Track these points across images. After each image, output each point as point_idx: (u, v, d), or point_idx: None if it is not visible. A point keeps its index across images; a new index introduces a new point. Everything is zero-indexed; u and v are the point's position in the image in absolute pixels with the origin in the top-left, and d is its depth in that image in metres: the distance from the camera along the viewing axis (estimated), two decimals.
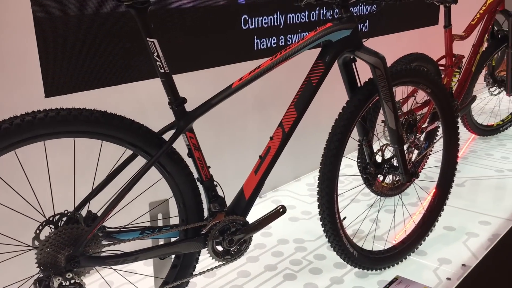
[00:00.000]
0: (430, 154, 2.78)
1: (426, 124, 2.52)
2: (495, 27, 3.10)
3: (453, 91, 2.87)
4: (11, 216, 1.50)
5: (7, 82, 1.60)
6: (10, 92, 1.61)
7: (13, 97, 1.62)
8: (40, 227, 1.32)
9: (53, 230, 1.32)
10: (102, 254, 1.40)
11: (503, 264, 2.20)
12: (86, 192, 1.42)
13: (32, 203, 1.43)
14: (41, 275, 1.31)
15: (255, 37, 2.37)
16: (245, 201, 1.61)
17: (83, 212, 1.38)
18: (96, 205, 1.40)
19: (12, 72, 1.60)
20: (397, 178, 1.97)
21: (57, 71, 1.70)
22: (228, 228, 1.57)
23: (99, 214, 1.37)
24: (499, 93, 3.36)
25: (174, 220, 1.59)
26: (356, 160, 2.09)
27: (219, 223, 1.54)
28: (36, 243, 1.31)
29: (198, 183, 1.54)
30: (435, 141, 2.68)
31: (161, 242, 1.57)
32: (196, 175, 1.53)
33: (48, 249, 1.30)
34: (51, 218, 1.33)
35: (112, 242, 1.40)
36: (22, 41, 1.60)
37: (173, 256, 1.60)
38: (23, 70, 1.62)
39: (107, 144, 1.40)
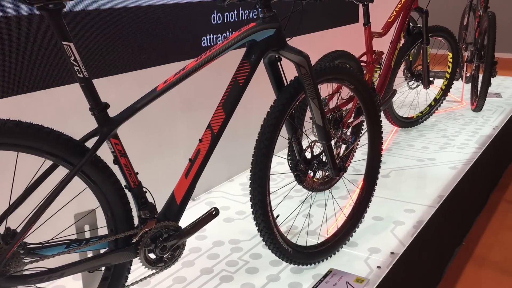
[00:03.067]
0: (356, 148, 2.87)
1: (351, 119, 2.60)
2: (410, 24, 3.26)
3: (375, 86, 2.99)
4: None
5: None
6: None
7: None
8: None
9: None
10: (25, 273, 1.31)
11: (428, 248, 2.32)
12: (2, 207, 1.32)
13: None
14: None
15: (180, 38, 2.33)
16: (176, 205, 1.57)
17: (1, 229, 1.29)
18: (15, 221, 1.31)
19: None
20: (327, 173, 2.01)
21: None
22: (160, 234, 1.53)
23: (18, 230, 1.28)
24: (417, 86, 3.54)
25: (103, 231, 1.53)
26: (286, 157, 2.11)
27: (150, 230, 1.50)
28: None
29: (126, 191, 1.48)
30: (360, 135, 2.78)
31: (90, 254, 1.50)
32: (123, 183, 1.47)
33: None
34: None
35: (34, 259, 1.32)
36: None
37: (103, 268, 1.53)
38: None
39: (24, 155, 1.31)
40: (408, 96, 4.02)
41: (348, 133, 2.67)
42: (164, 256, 1.54)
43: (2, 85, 1.67)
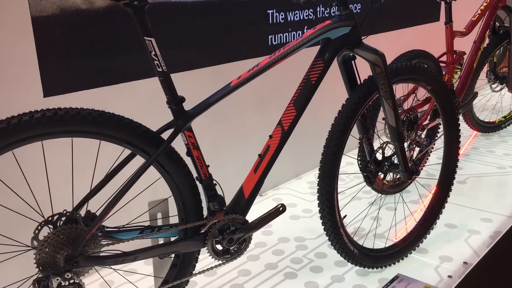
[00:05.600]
0: (431, 152, 2.77)
1: (427, 122, 2.51)
2: (496, 23, 3.08)
3: (454, 88, 2.86)
4: (10, 216, 1.50)
5: (5, 82, 1.60)
6: (8, 92, 1.61)
7: (12, 97, 1.62)
8: (39, 227, 1.32)
9: (52, 230, 1.31)
10: (101, 254, 1.40)
11: (505, 261, 2.19)
12: (84, 192, 1.41)
13: (30, 203, 1.42)
14: (40, 275, 1.30)
15: (252, 35, 2.36)
16: (244, 200, 1.60)
17: (82, 212, 1.38)
18: (95, 205, 1.40)
19: (10, 71, 1.60)
20: (398, 176, 1.96)
21: (56, 70, 1.70)
22: (228, 227, 1.56)
23: (98, 213, 1.37)
24: (501, 89, 3.34)
25: (174, 220, 1.59)
26: (356, 158, 2.08)
27: (218, 222, 1.54)
28: (35, 243, 1.30)
29: (197, 182, 1.53)
30: (436, 138, 2.67)
31: (161, 241, 1.57)
32: (195, 174, 1.52)
33: (47, 249, 1.30)
34: (50, 218, 1.33)
35: (111, 242, 1.40)
36: (20, 41, 1.60)
37: (173, 255, 1.59)
38: (21, 69, 1.62)
39: (106, 144, 1.40)
40: (491, 100, 3.80)
41: (423, 136, 2.58)
42: (231, 248, 1.58)
43: (90, 77, 1.79)
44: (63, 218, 1.34)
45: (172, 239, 1.55)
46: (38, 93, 1.68)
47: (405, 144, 1.85)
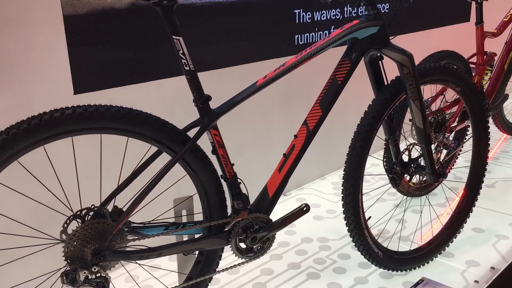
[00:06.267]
0: (459, 154, 2.72)
1: (455, 123, 2.46)
2: None
3: (484, 90, 2.80)
4: (40, 210, 1.54)
5: (37, 79, 1.64)
6: (40, 89, 1.65)
7: (43, 94, 1.66)
8: (68, 221, 1.35)
9: (80, 224, 1.34)
10: (127, 249, 1.42)
11: None
12: (112, 187, 1.44)
13: (60, 197, 1.46)
14: (67, 268, 1.33)
15: (277, 34, 2.36)
16: (268, 199, 1.60)
17: (109, 207, 1.41)
18: (122, 201, 1.42)
19: (42, 69, 1.64)
20: (424, 178, 1.93)
21: (86, 68, 1.74)
22: (251, 225, 1.57)
23: (124, 209, 1.39)
24: None
25: (198, 217, 1.60)
26: (382, 159, 2.06)
27: (242, 220, 1.55)
28: (64, 236, 1.33)
29: (222, 181, 1.54)
30: (464, 140, 2.62)
31: (185, 238, 1.59)
32: (220, 173, 1.53)
33: (75, 243, 1.33)
34: (79, 213, 1.36)
35: (137, 237, 1.42)
36: (52, 38, 1.64)
37: (197, 252, 1.61)
38: (52, 67, 1.66)
39: (133, 141, 1.42)
40: None
41: (451, 138, 2.53)
42: (254, 246, 1.58)
43: (119, 75, 1.82)
44: (91, 213, 1.37)
45: (197, 236, 1.57)
46: (69, 90, 1.72)
47: (432, 146, 1.83)
